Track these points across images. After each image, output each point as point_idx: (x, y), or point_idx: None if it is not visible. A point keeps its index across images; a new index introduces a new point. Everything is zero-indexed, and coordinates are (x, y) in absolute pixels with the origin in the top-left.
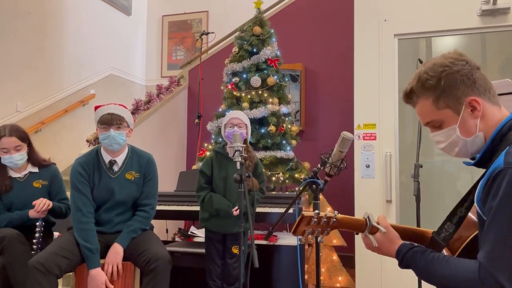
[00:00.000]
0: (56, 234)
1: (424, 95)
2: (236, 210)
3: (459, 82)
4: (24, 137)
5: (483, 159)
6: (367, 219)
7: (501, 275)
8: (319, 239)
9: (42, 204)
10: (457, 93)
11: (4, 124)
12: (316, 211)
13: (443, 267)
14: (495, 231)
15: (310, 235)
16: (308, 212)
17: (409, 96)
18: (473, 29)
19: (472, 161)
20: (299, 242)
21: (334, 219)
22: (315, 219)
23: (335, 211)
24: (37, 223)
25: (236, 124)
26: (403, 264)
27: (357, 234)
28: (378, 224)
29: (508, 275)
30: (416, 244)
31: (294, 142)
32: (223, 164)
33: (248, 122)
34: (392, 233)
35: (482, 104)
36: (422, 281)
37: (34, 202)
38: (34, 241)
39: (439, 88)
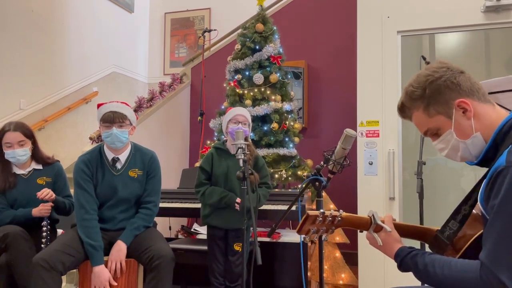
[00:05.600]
0: (59, 231)
1: (414, 107)
2: (238, 203)
3: (443, 87)
4: (28, 134)
5: (486, 159)
6: (372, 217)
7: (503, 274)
8: (323, 237)
9: (46, 193)
10: (444, 98)
11: (11, 121)
12: (321, 210)
13: (443, 268)
14: (496, 230)
15: (314, 234)
16: (313, 211)
17: (402, 111)
18: (476, 25)
19: (475, 160)
20: (303, 241)
21: (339, 218)
22: (320, 218)
23: (340, 210)
24: (43, 223)
25: (241, 121)
26: (402, 268)
27: (361, 232)
28: (383, 223)
29: (510, 274)
30: (414, 248)
31: (296, 139)
32: (223, 159)
33: (250, 120)
34: (394, 234)
35: (472, 104)
36: None
37: (38, 193)
38: (43, 240)
39: (426, 96)
